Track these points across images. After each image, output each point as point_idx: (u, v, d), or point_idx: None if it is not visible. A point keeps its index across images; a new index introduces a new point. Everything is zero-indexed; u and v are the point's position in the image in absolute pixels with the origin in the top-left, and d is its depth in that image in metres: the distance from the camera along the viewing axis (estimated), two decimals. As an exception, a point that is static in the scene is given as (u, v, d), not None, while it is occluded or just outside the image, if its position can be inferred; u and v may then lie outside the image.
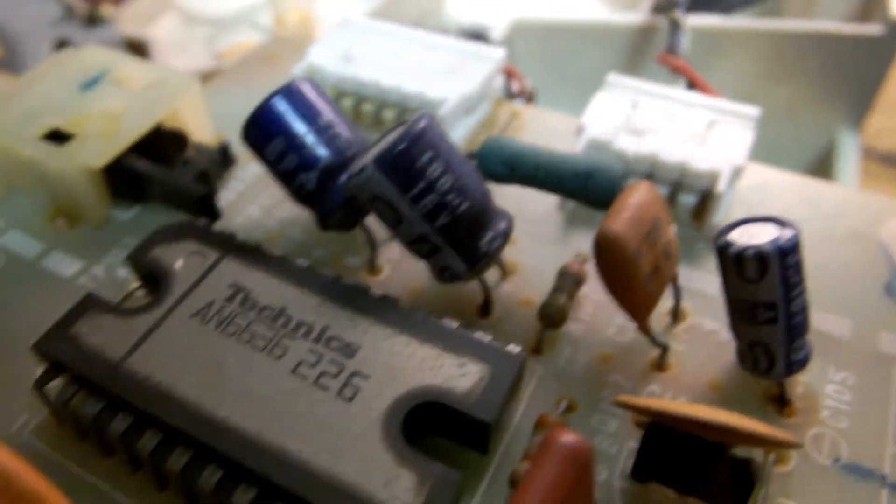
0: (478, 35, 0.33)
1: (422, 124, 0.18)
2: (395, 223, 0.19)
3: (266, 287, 0.19)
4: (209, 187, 0.23)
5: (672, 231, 0.19)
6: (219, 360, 0.17)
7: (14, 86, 0.26)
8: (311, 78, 0.22)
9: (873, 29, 0.35)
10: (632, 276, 0.17)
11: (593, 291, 0.21)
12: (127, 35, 0.43)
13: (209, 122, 0.26)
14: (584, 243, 0.23)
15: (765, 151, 0.27)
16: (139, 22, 0.47)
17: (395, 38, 0.28)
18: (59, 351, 0.18)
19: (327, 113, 0.21)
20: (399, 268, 0.22)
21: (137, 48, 0.44)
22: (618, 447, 0.18)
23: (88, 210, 0.24)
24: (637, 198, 0.18)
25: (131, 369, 0.17)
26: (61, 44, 0.42)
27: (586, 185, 0.20)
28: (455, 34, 0.32)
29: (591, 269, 0.21)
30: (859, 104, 0.37)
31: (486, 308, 0.21)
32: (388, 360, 0.17)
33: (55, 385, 0.18)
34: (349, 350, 0.17)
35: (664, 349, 0.19)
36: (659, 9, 0.34)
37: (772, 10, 0.40)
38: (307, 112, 0.21)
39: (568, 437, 0.13)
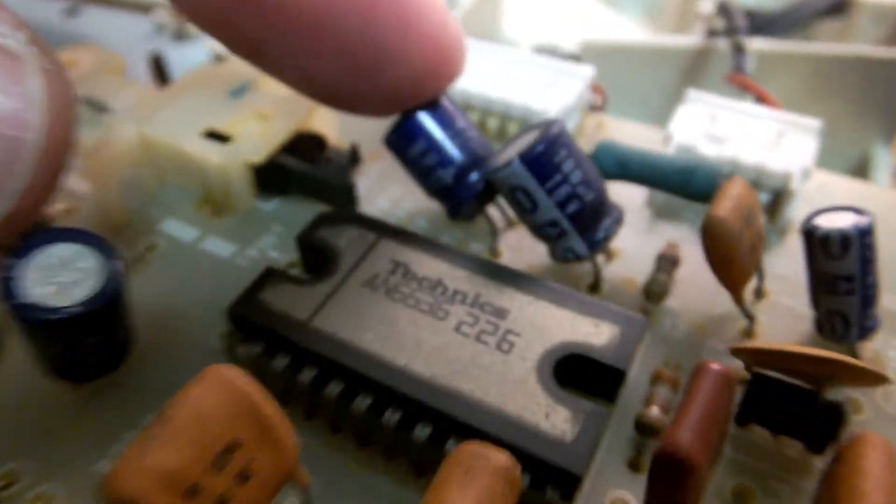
0: (552, 53, 0.36)
1: (557, 128, 0.22)
2: (531, 210, 0.22)
3: (422, 262, 0.22)
4: (352, 181, 0.26)
5: (761, 218, 0.23)
6: (392, 319, 0.21)
7: (161, 94, 0.30)
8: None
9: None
10: (734, 252, 0.21)
11: (686, 274, 0.25)
12: (216, 51, 0.47)
13: (336, 126, 0.30)
14: (672, 232, 0.27)
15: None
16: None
17: (491, 55, 0.31)
18: (252, 313, 0.21)
19: (461, 119, 0.25)
20: (517, 252, 0.26)
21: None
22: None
23: (238, 201, 0.27)
24: (736, 190, 0.22)
25: (317, 327, 0.21)
26: (155, 58, 0.46)
27: (689, 181, 0.23)
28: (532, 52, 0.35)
29: (683, 254, 0.25)
30: (892, 120, 0.41)
31: (595, 286, 0.25)
32: (534, 321, 0.21)
33: (240, 343, 0.22)
34: (501, 313, 0.21)
35: (752, 319, 0.23)
36: (715, 33, 0.38)
37: (809, 36, 0.44)
38: (447, 121, 0.24)
39: (718, 365, 0.16)
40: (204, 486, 0.15)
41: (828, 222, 0.21)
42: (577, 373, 0.20)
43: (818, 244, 0.21)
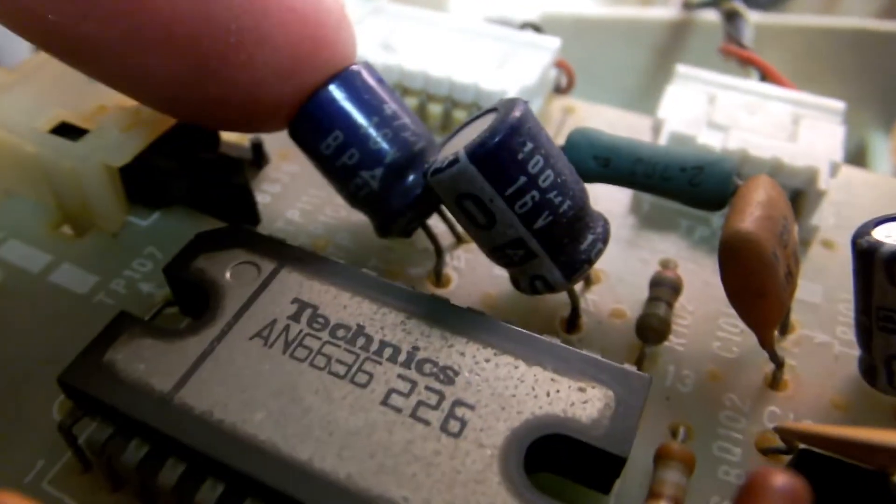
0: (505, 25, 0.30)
1: (519, 111, 0.16)
2: (486, 225, 0.16)
3: (336, 302, 0.16)
4: (248, 185, 0.20)
5: (796, 231, 0.17)
6: (292, 389, 0.15)
7: (8, 76, 0.23)
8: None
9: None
10: (768, 282, 0.15)
11: (689, 301, 0.19)
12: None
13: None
14: (663, 245, 0.21)
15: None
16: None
17: (433, 26, 0.25)
18: (92, 384, 0.15)
19: (391, 102, 0.19)
20: (469, 278, 0.20)
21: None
22: (744, 478, 0.16)
23: (102, 216, 0.21)
24: (763, 194, 0.16)
25: (185, 404, 0.15)
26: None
27: (696, 182, 0.17)
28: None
29: (681, 275, 0.19)
30: (891, 104, 0.36)
31: (573, 321, 0.19)
32: (495, 385, 0.15)
33: (83, 425, 0.16)
34: (447, 375, 0.15)
35: (780, 365, 0.17)
36: (691, 5, 0.33)
37: (793, 10, 0.39)
38: (369, 100, 0.18)
39: (783, 479, 0.10)
40: None
41: (892, 237, 0.15)
42: (553, 455, 0.15)
43: (880, 267, 0.15)
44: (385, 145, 0.18)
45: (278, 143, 0.23)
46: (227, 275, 0.17)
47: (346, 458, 0.14)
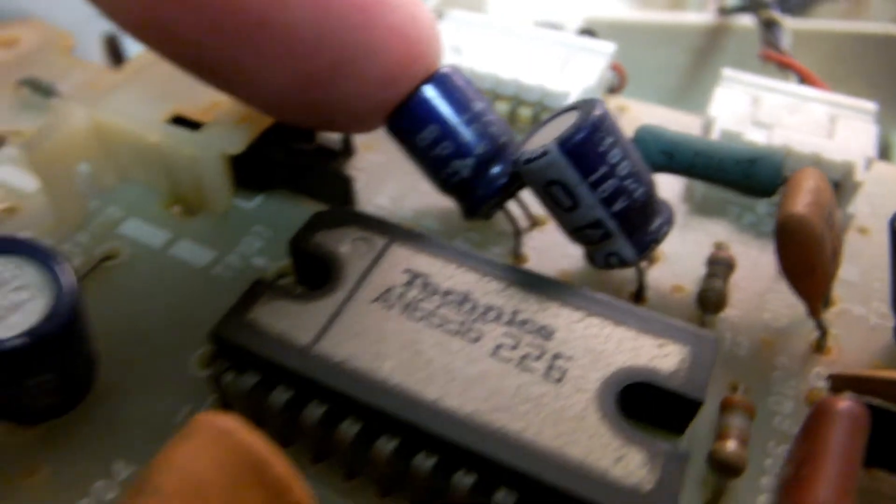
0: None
1: (600, 110, 0.18)
2: (570, 208, 0.19)
3: (443, 272, 0.19)
4: (350, 174, 0.23)
5: (840, 215, 0.19)
6: (413, 344, 0.17)
7: (119, 75, 0.25)
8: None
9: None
10: (816, 258, 0.18)
11: (740, 279, 0.22)
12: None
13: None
14: (715, 230, 0.23)
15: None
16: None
17: (497, 31, 0.28)
18: (242, 337, 0.18)
19: (477, 100, 0.21)
20: (544, 256, 0.22)
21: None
22: (797, 428, 0.18)
23: (214, 198, 0.23)
24: (812, 182, 0.18)
25: (323, 354, 0.17)
26: (110, 39, 0.41)
27: (749, 172, 0.20)
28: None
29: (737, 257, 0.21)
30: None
31: (639, 295, 0.21)
32: (587, 342, 0.17)
33: (229, 372, 0.18)
34: (545, 333, 0.17)
35: (825, 332, 0.20)
36: (726, 10, 0.35)
37: (816, 16, 0.41)
38: (460, 99, 0.21)
39: (845, 403, 0.13)
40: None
41: (926, 219, 0.18)
42: (637, 403, 0.17)
43: (916, 246, 0.18)
44: (475, 138, 0.21)
45: (363, 136, 0.26)
46: (344, 248, 0.19)
47: (467, 398, 0.16)
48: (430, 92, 0.21)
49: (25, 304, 0.15)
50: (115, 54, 0.41)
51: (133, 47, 0.42)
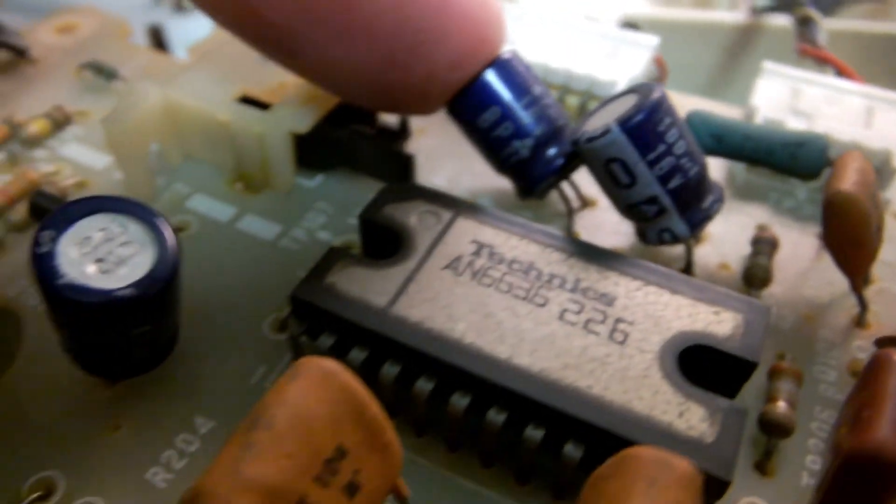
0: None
1: (659, 92, 0.20)
2: (628, 185, 0.20)
3: (508, 243, 0.20)
4: (411, 154, 0.24)
5: (880, 197, 0.20)
6: (484, 307, 0.18)
7: (180, 58, 0.27)
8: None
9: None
10: (863, 233, 0.19)
11: (783, 258, 0.23)
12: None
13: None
14: (757, 213, 0.25)
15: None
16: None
17: (546, 24, 0.29)
18: (322, 300, 0.19)
19: (536, 84, 0.22)
20: (595, 234, 0.24)
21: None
22: (841, 396, 0.19)
23: (278, 176, 0.25)
24: (858, 164, 0.20)
25: (400, 315, 0.18)
26: (154, 30, 0.42)
27: (796, 155, 0.21)
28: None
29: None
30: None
31: (687, 271, 0.22)
32: (646, 308, 0.18)
33: (306, 334, 0.19)
34: (607, 299, 0.19)
35: (865, 308, 0.21)
36: (757, 10, 0.36)
37: (843, 17, 0.42)
38: (521, 83, 0.22)
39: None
40: (311, 502, 0.13)
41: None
42: (693, 369, 0.18)
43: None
44: (534, 120, 0.22)
45: (417, 120, 0.27)
46: (413, 220, 0.21)
47: (537, 357, 0.17)
48: (492, 76, 0.22)
49: (132, 258, 0.16)
50: (159, 43, 0.42)
51: (176, 37, 0.43)
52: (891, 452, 0.13)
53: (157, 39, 0.42)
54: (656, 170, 0.20)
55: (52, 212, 0.16)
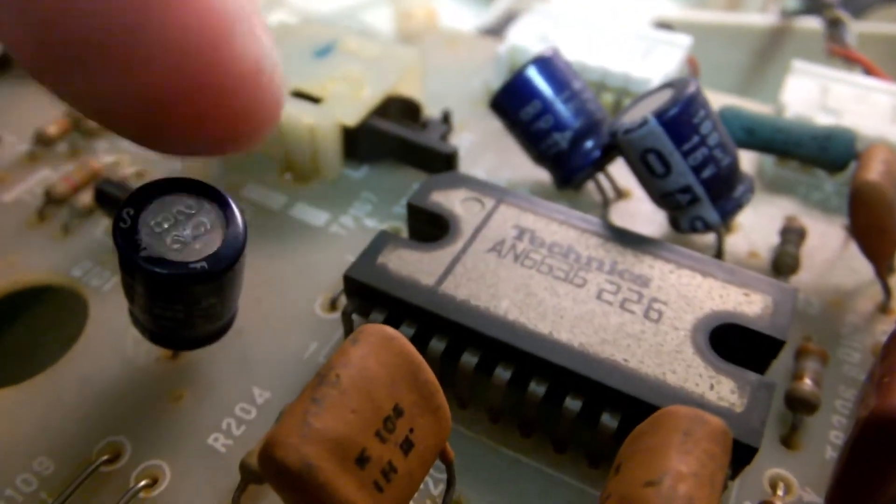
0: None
1: (694, 86, 0.21)
2: (663, 175, 0.21)
3: (548, 228, 0.21)
4: (455, 147, 0.25)
5: (906, 188, 0.21)
6: (526, 287, 0.19)
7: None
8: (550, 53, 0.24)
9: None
10: (886, 220, 0.20)
11: (811, 248, 0.24)
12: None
13: (421, 93, 0.28)
14: (785, 205, 0.25)
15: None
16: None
17: (582, 24, 0.30)
18: (374, 278, 0.20)
19: (575, 80, 0.23)
20: (629, 222, 0.25)
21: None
22: (865, 376, 0.20)
23: (327, 167, 0.26)
24: (884, 156, 0.21)
25: (448, 293, 0.19)
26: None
27: (825, 147, 0.22)
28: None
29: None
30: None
31: (718, 258, 0.23)
32: (680, 289, 0.19)
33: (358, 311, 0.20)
34: (642, 281, 0.20)
35: (890, 294, 0.22)
36: (788, 13, 0.37)
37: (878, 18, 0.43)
38: (561, 79, 0.23)
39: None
40: (371, 455, 0.14)
41: None
42: (726, 344, 0.19)
43: (979, 212, 0.20)
44: (573, 113, 0.23)
45: (458, 115, 0.28)
46: (458, 207, 0.22)
47: (576, 333, 0.18)
48: (533, 72, 0.23)
49: (204, 235, 0.18)
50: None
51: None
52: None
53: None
54: (690, 160, 0.21)
55: (134, 191, 0.17)
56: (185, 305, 0.18)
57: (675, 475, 0.12)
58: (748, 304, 0.19)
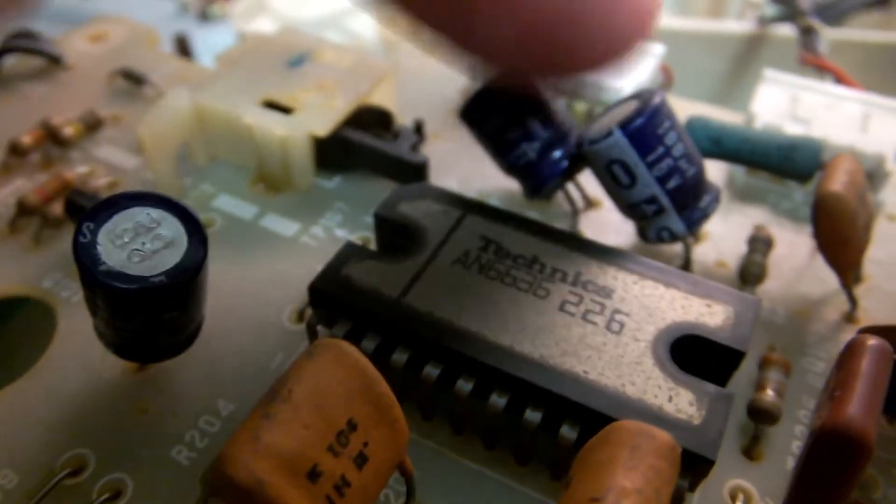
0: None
1: (659, 98, 0.21)
2: (628, 185, 0.21)
3: (514, 239, 0.21)
4: (425, 157, 0.25)
5: (871, 197, 0.21)
6: (489, 298, 0.20)
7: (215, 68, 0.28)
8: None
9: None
10: (850, 231, 0.20)
11: (779, 257, 0.24)
12: (242, 32, 0.45)
13: (394, 103, 0.28)
14: (754, 214, 0.26)
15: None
16: (238, 23, 0.50)
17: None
18: (338, 290, 0.20)
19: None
20: (598, 232, 0.25)
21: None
22: (829, 385, 0.20)
23: (298, 177, 0.26)
24: (848, 165, 0.21)
25: (410, 305, 0.19)
26: (180, 39, 0.44)
27: (790, 157, 0.22)
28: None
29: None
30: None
31: (686, 268, 0.23)
32: (642, 300, 0.19)
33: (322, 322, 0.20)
34: (605, 292, 0.20)
35: (855, 304, 0.22)
36: (765, 20, 0.37)
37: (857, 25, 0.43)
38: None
39: (874, 340, 0.15)
40: (323, 470, 0.14)
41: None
42: (687, 355, 0.19)
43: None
44: (540, 125, 0.23)
45: (431, 125, 0.28)
46: (425, 218, 0.22)
47: (537, 345, 0.18)
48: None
49: (165, 248, 0.18)
50: (184, 51, 0.44)
51: (200, 45, 0.45)
52: (858, 429, 0.14)
53: (183, 47, 0.43)
54: (655, 171, 0.21)
55: (94, 205, 0.17)
56: (146, 318, 0.18)
57: (618, 491, 0.12)
58: (710, 315, 0.19)
